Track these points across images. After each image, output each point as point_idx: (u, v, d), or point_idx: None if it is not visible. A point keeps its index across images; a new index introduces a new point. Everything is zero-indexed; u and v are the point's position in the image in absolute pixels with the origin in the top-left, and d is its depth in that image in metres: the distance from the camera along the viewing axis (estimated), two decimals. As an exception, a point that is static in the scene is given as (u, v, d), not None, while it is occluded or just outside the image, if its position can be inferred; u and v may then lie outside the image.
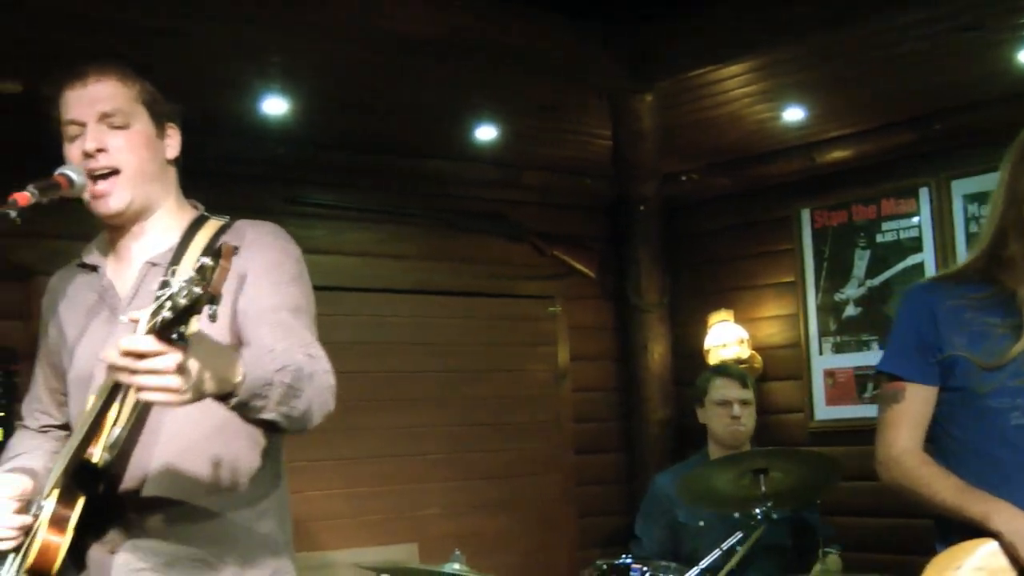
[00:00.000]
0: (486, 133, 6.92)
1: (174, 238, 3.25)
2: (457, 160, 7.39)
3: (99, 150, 3.12)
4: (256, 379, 2.69)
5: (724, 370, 6.76)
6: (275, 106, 6.17)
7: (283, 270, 3.15)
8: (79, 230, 3.48)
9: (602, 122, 6.84)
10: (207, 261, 2.38)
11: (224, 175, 6.31)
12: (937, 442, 3.75)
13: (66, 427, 3.46)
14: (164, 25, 5.10)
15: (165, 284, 2.45)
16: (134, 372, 2.50)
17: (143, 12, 4.99)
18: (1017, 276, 3.57)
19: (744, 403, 6.47)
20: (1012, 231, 3.60)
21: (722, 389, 6.50)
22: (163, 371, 2.48)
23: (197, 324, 2.44)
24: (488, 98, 6.49)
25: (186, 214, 3.34)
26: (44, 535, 2.88)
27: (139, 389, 2.54)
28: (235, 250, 2.47)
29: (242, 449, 3.11)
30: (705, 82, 6.21)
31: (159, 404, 2.61)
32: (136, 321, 2.55)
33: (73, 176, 3.12)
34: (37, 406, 3.50)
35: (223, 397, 2.67)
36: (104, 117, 3.14)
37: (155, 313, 2.45)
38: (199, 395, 2.58)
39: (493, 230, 7.82)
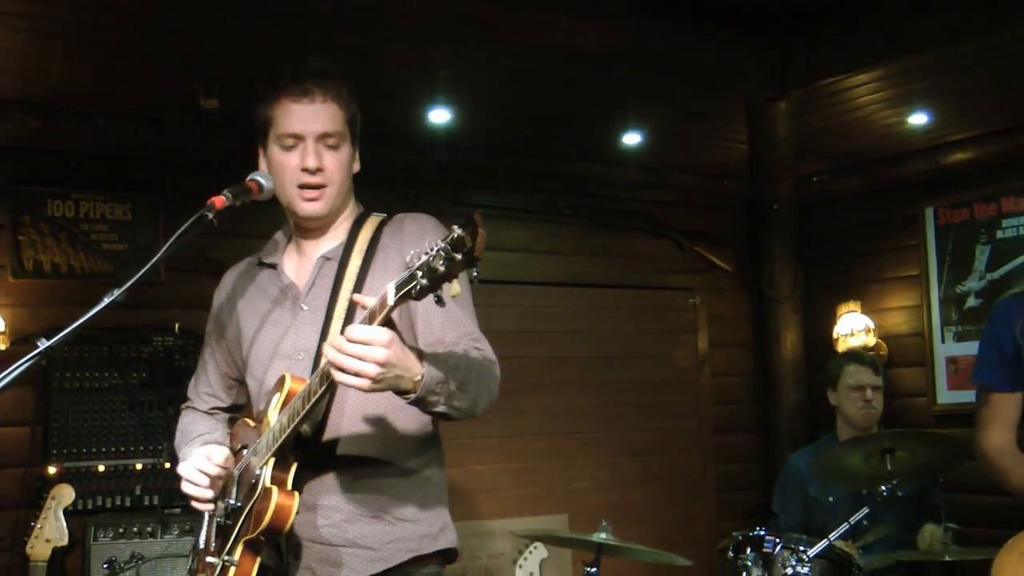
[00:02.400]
0: (632, 139, 6.91)
1: (342, 235, 3.32)
2: (606, 164, 7.39)
3: (319, 169, 3.18)
4: (432, 378, 2.74)
5: (857, 357, 6.68)
6: (440, 116, 6.21)
7: None
8: (270, 229, 3.54)
9: (739, 128, 6.79)
10: (460, 232, 2.43)
11: (398, 180, 6.39)
12: None
13: (231, 409, 3.59)
14: (347, 43, 5.16)
15: (417, 255, 2.49)
16: (347, 357, 2.60)
17: (321, 36, 5.06)
18: None
19: (876, 388, 6.40)
20: None
21: (856, 375, 6.43)
22: (370, 361, 2.59)
23: (458, 287, 2.50)
24: (637, 106, 6.48)
25: (353, 214, 3.40)
26: (276, 497, 2.95)
27: (339, 370, 2.63)
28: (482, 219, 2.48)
29: (409, 420, 3.17)
30: (836, 90, 6.15)
31: (351, 386, 2.66)
32: (365, 305, 2.65)
33: (263, 181, 3.19)
34: (207, 390, 3.59)
35: (402, 392, 2.73)
36: (323, 137, 3.19)
37: (407, 281, 2.50)
38: (386, 388, 2.68)
39: (639, 228, 7.81)
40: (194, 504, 3.24)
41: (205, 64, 5.34)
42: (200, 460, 3.20)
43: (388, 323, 2.64)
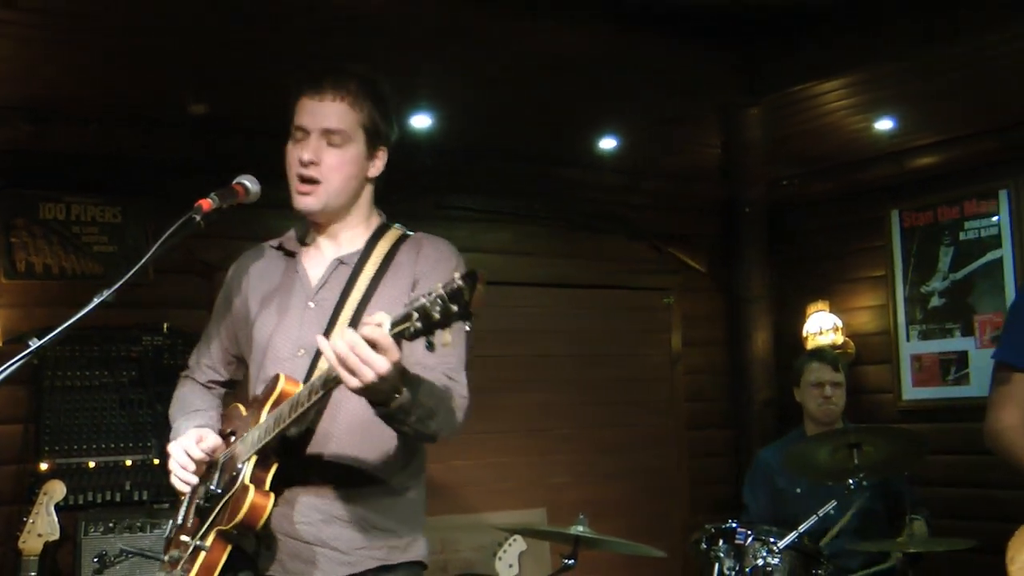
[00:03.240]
0: (609, 143, 6.92)
1: (361, 243, 3.33)
2: (583, 168, 7.39)
3: (312, 162, 3.19)
4: (407, 401, 2.78)
5: (818, 355, 6.71)
6: (422, 121, 6.21)
7: None
8: (257, 231, 3.54)
9: (713, 133, 6.82)
10: (460, 283, 2.46)
11: (380, 181, 6.37)
12: None
13: (228, 384, 3.59)
14: (329, 50, 5.15)
15: (417, 298, 2.51)
16: (354, 356, 2.61)
17: (309, 41, 5.05)
18: None
19: (835, 384, 6.43)
20: None
21: (816, 372, 6.47)
22: (373, 368, 2.62)
23: (449, 337, 2.51)
24: (613, 112, 6.48)
25: (373, 221, 3.42)
26: (252, 496, 2.96)
27: (341, 362, 2.64)
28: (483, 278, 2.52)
29: (399, 436, 3.15)
30: (806, 97, 6.17)
31: (342, 378, 2.67)
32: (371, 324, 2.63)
33: (249, 185, 3.20)
34: (207, 362, 3.58)
35: (376, 403, 2.78)
36: (326, 133, 3.21)
37: (403, 319, 2.53)
38: (368, 395, 2.72)
39: (615, 230, 7.82)
40: (176, 484, 3.24)
41: (193, 71, 5.33)
42: (190, 443, 3.21)
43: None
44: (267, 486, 3.02)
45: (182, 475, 3.21)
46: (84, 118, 5.84)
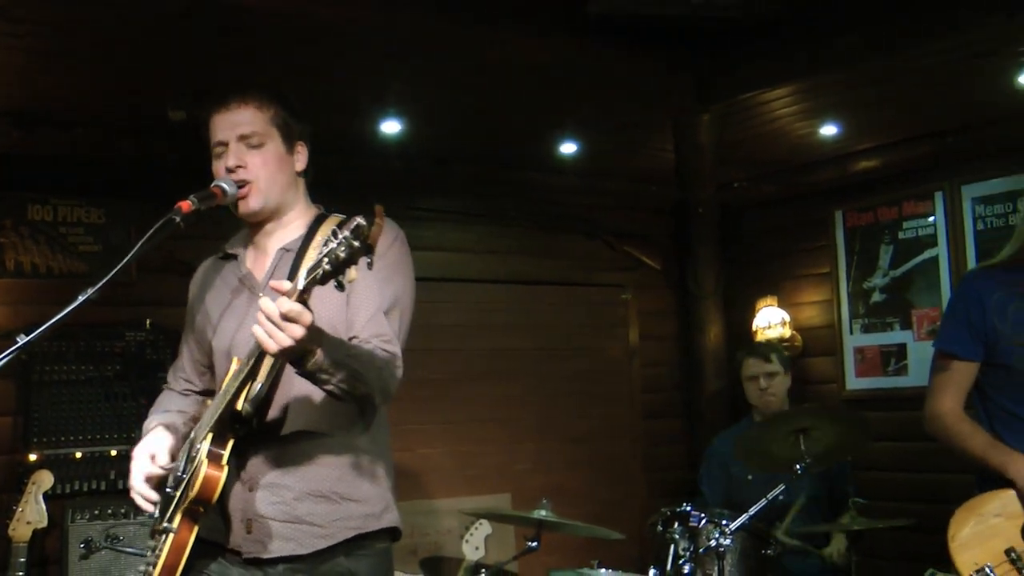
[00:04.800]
0: (569, 148, 6.91)
1: (302, 230, 3.34)
2: (545, 171, 7.38)
3: (238, 166, 3.22)
4: (323, 361, 2.82)
5: (752, 349, 6.75)
6: (392, 127, 6.20)
7: (391, 266, 3.23)
8: (235, 232, 3.53)
9: (667, 138, 6.82)
10: (362, 221, 2.50)
11: (353, 186, 6.35)
12: (984, 407, 3.85)
13: (204, 393, 3.57)
14: (305, 59, 5.15)
15: (325, 243, 2.55)
16: (272, 325, 2.66)
17: (284, 49, 5.04)
18: None
19: (769, 375, 6.45)
20: None
21: (751, 367, 6.52)
22: (289, 335, 2.67)
23: (356, 273, 2.55)
24: (573, 117, 6.48)
25: (311, 212, 3.43)
26: (205, 469, 2.96)
27: (262, 330, 2.69)
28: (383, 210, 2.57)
29: (353, 409, 3.17)
30: (754, 104, 6.18)
31: (262, 344, 2.72)
32: (282, 291, 2.67)
33: (226, 187, 3.21)
34: (182, 375, 3.60)
35: (296, 363, 2.82)
36: (243, 138, 3.25)
37: (315, 267, 2.56)
38: (288, 356, 2.77)
39: (574, 229, 7.82)
40: (138, 500, 3.21)
41: (173, 78, 5.31)
42: (146, 465, 3.19)
43: (305, 303, 2.69)
44: (223, 460, 3.01)
45: (142, 503, 3.19)
46: (70, 124, 5.80)
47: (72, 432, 5.89)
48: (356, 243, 2.49)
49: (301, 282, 2.63)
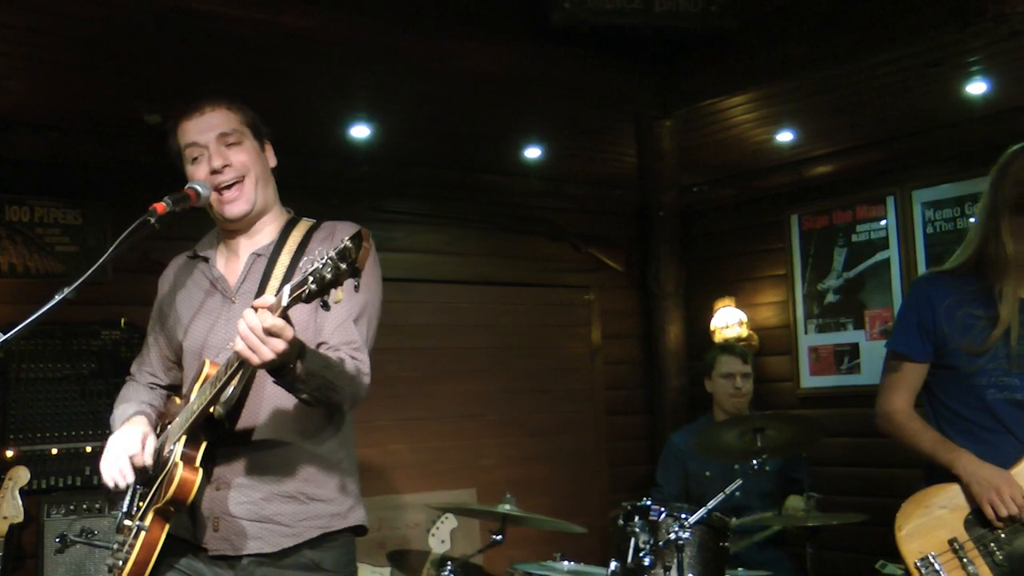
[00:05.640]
0: (533, 152, 6.93)
1: (274, 235, 3.32)
2: (510, 175, 7.40)
3: (225, 166, 3.19)
4: (304, 370, 2.82)
5: (729, 348, 6.76)
6: (360, 131, 6.20)
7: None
8: (204, 233, 3.53)
9: (629, 143, 6.84)
10: (349, 243, 2.46)
11: (323, 189, 6.35)
12: (932, 406, 3.92)
13: (170, 388, 3.56)
14: (274, 66, 5.14)
15: (311, 262, 2.54)
16: (255, 339, 2.66)
17: (254, 56, 5.04)
18: (997, 273, 3.75)
19: (745, 376, 6.49)
20: (991, 237, 3.76)
21: (728, 365, 6.51)
22: (271, 348, 2.67)
23: (342, 294, 2.54)
24: (537, 123, 6.50)
25: (282, 216, 3.41)
26: (181, 472, 2.95)
27: (244, 343, 2.69)
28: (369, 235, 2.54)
29: (322, 411, 3.16)
30: (714, 111, 6.20)
31: (244, 357, 2.72)
32: (264, 306, 2.67)
33: (200, 189, 3.19)
34: (147, 368, 3.57)
35: (275, 374, 2.82)
36: (222, 137, 3.23)
37: (300, 285, 2.54)
38: (268, 367, 2.76)
39: (539, 232, 7.83)
40: (108, 480, 3.19)
41: (148, 83, 5.29)
42: (123, 461, 3.15)
43: (286, 316, 2.69)
44: (197, 462, 3.01)
45: (117, 477, 3.14)
46: (47, 127, 5.79)
47: (48, 429, 5.86)
48: (343, 265, 2.47)
49: (285, 299, 2.62)
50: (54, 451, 5.86)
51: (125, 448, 3.15)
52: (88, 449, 5.91)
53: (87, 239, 6.09)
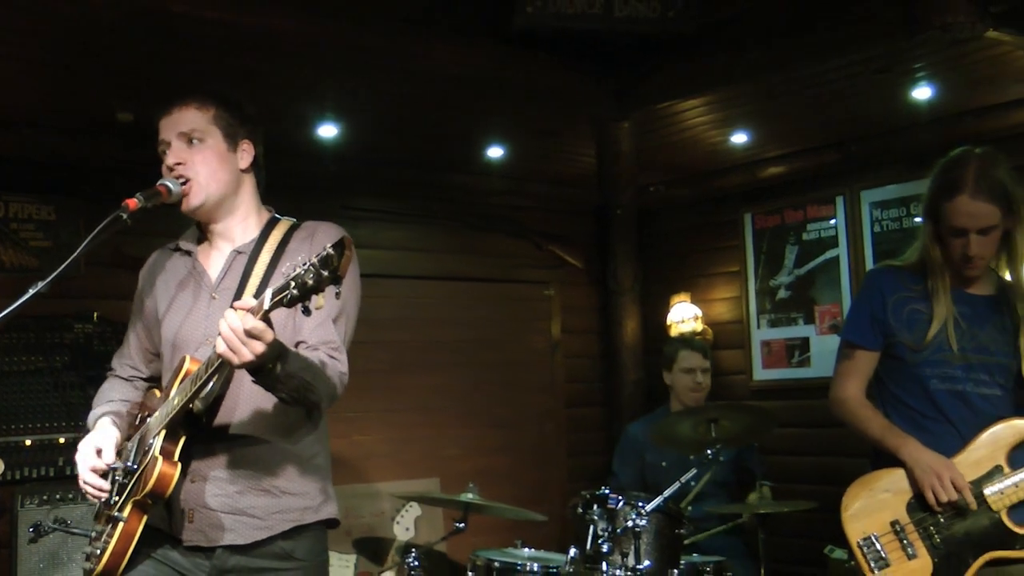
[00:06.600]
0: (496, 152, 6.93)
1: (255, 233, 3.31)
2: (474, 174, 7.39)
3: (177, 163, 3.20)
4: (283, 371, 2.83)
5: (690, 343, 6.78)
6: (328, 131, 6.18)
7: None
8: (178, 229, 3.51)
9: (588, 144, 6.84)
10: (331, 251, 2.47)
11: (291, 188, 6.32)
12: (880, 394, 4.00)
13: (150, 380, 3.54)
14: (244, 66, 5.12)
15: (293, 267, 2.55)
16: (236, 340, 2.67)
17: (224, 55, 5.02)
18: (935, 273, 3.86)
19: (704, 370, 6.53)
20: (930, 240, 3.87)
21: (688, 359, 6.54)
22: (250, 350, 2.69)
23: (323, 301, 2.55)
24: (500, 124, 6.50)
25: (263, 215, 3.40)
26: (160, 466, 2.95)
27: (225, 344, 2.69)
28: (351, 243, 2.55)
29: (298, 409, 3.15)
30: (670, 113, 6.22)
31: (224, 357, 2.73)
32: (246, 308, 2.69)
33: (171, 186, 3.19)
34: (128, 362, 3.55)
35: (254, 373, 2.82)
36: (182, 136, 3.23)
37: (282, 290, 2.56)
38: (248, 368, 2.76)
39: (501, 229, 7.83)
40: (87, 490, 3.21)
41: (120, 82, 5.26)
42: (92, 460, 3.17)
43: (267, 319, 2.70)
44: (175, 457, 3.01)
45: (94, 492, 3.18)
46: (20, 124, 5.74)
47: (22, 420, 5.82)
48: (325, 272, 2.48)
49: (267, 302, 2.62)
50: (28, 442, 5.81)
51: (86, 462, 3.19)
52: (61, 440, 5.88)
53: (61, 234, 6.05)
